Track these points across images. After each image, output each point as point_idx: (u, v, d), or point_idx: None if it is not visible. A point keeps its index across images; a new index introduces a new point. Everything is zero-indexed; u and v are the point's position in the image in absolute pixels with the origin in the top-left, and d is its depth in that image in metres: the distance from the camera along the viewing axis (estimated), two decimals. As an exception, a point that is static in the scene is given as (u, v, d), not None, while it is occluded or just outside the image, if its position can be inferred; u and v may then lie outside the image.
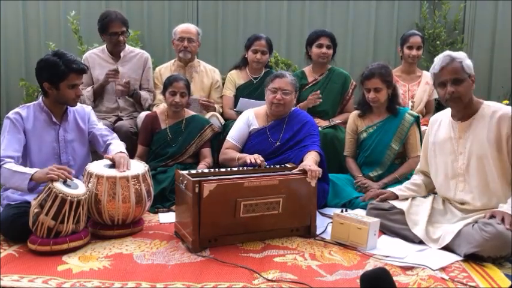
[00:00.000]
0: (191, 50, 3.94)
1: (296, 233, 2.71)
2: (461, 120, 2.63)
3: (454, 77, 2.52)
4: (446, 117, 2.73)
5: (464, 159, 2.60)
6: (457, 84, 2.52)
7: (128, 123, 3.71)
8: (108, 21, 3.73)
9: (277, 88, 3.13)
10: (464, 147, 2.61)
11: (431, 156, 2.79)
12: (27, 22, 5.02)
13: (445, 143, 2.69)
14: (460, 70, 2.52)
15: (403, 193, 2.84)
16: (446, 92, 2.53)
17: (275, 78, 3.18)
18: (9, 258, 2.34)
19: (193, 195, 2.42)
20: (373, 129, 3.39)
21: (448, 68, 2.53)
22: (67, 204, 2.38)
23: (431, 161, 2.80)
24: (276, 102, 3.14)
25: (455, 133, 2.64)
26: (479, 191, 2.57)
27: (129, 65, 3.91)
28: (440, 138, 2.72)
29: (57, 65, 2.65)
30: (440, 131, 2.74)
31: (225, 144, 3.27)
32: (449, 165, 2.67)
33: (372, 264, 2.33)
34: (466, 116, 2.61)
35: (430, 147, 2.80)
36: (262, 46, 3.92)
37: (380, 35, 5.03)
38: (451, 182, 2.67)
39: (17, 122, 2.70)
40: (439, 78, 2.57)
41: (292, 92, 3.18)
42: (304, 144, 3.05)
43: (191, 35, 3.94)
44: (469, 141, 2.59)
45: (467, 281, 2.15)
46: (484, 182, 2.56)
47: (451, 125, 2.67)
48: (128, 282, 2.11)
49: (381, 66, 3.31)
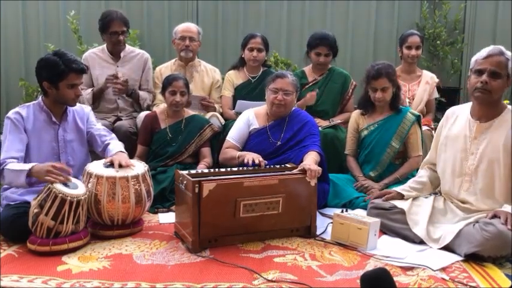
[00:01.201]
0: (192, 49, 3.93)
1: (296, 233, 2.70)
2: (480, 121, 2.59)
3: (494, 69, 2.47)
4: (465, 113, 2.68)
5: (475, 160, 2.58)
6: (494, 78, 2.47)
7: (127, 123, 3.71)
8: (109, 20, 3.73)
9: (279, 89, 3.13)
10: (477, 148, 2.58)
11: (441, 149, 2.76)
12: (27, 22, 5.02)
13: (457, 139, 2.65)
14: (503, 65, 2.48)
15: (408, 193, 2.81)
16: (480, 80, 2.48)
17: (276, 78, 3.17)
18: (8, 258, 2.34)
19: (193, 195, 2.42)
20: (374, 127, 3.38)
21: (494, 58, 2.49)
22: (67, 205, 2.38)
23: (440, 154, 2.77)
24: (277, 102, 3.13)
25: (472, 132, 2.60)
26: (483, 194, 2.55)
27: (129, 65, 3.91)
28: (454, 133, 2.68)
29: (57, 65, 2.65)
30: (455, 126, 2.70)
31: (225, 144, 3.27)
32: (458, 162, 2.64)
33: (372, 265, 2.33)
34: (487, 117, 2.57)
35: (442, 141, 2.76)
36: (258, 44, 3.91)
37: (380, 35, 5.02)
38: (456, 180, 2.65)
39: (17, 121, 2.70)
40: (480, 65, 2.51)
41: (293, 93, 3.17)
42: (304, 144, 3.05)
43: (192, 34, 3.93)
44: (484, 143, 2.55)
45: (468, 281, 2.15)
46: (490, 186, 2.54)
47: (469, 123, 2.63)
48: (127, 282, 2.11)
49: (387, 66, 3.30)
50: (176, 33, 3.95)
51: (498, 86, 2.48)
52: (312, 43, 3.83)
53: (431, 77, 4.12)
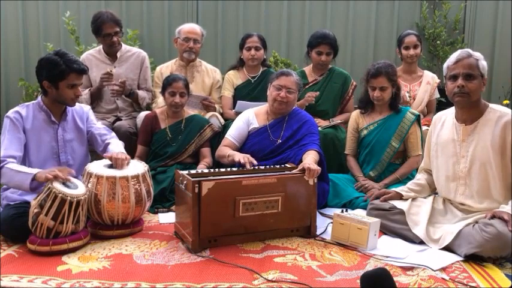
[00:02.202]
0: (196, 51, 3.93)
1: (296, 233, 2.70)
2: (465, 124, 2.61)
3: (467, 72, 2.51)
4: (450, 117, 2.71)
5: (466, 162, 2.59)
6: (469, 80, 2.51)
7: (127, 123, 3.71)
8: (100, 22, 3.70)
9: (282, 86, 3.13)
10: (466, 151, 2.59)
11: (433, 156, 2.78)
12: (27, 22, 5.02)
13: (447, 145, 2.68)
14: (474, 66, 2.52)
15: (407, 193, 2.82)
16: (456, 85, 2.52)
17: (281, 76, 3.18)
18: (8, 258, 2.34)
19: (193, 195, 2.42)
20: (373, 127, 3.39)
21: (464, 61, 2.53)
22: (66, 205, 2.38)
23: (433, 161, 2.80)
24: (279, 99, 3.13)
25: (459, 136, 2.62)
26: (480, 195, 2.56)
27: (126, 64, 3.90)
28: (443, 139, 2.71)
29: (58, 64, 2.65)
30: (443, 132, 2.72)
31: (223, 141, 3.27)
32: (451, 167, 2.66)
33: (372, 265, 2.33)
34: (471, 119, 2.60)
35: (433, 147, 2.79)
36: (255, 42, 3.91)
37: (380, 35, 5.02)
38: (451, 184, 2.67)
39: (17, 121, 2.70)
40: (452, 71, 2.56)
41: (296, 92, 3.18)
42: (304, 143, 3.05)
43: (197, 36, 3.93)
44: (473, 145, 2.57)
45: (468, 281, 2.15)
46: (486, 188, 2.55)
47: (455, 127, 2.66)
48: (127, 282, 2.11)
49: (387, 65, 3.30)
50: (180, 33, 3.94)
51: (475, 87, 2.52)
52: (313, 42, 3.83)
53: (433, 77, 4.11)
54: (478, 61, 2.53)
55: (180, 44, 3.93)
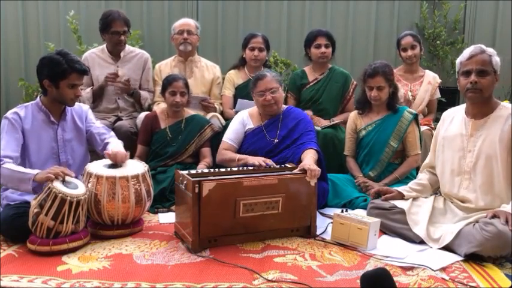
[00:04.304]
0: (191, 41, 3.95)
1: (296, 233, 2.70)
2: (475, 118, 2.62)
3: (480, 68, 2.52)
4: (460, 113, 2.71)
5: (473, 157, 2.59)
6: (482, 76, 2.52)
7: (128, 123, 3.71)
8: (111, 20, 3.73)
9: (263, 90, 3.12)
10: (474, 146, 2.60)
11: (439, 150, 2.78)
12: (27, 22, 5.01)
13: (455, 139, 2.68)
14: (487, 62, 2.53)
15: (409, 193, 2.82)
16: (469, 81, 2.52)
17: (257, 81, 3.16)
18: (8, 258, 2.34)
19: (193, 195, 2.42)
20: (371, 127, 3.39)
21: (477, 57, 2.53)
22: (66, 204, 2.38)
23: (438, 156, 2.79)
24: (267, 103, 3.13)
25: (467, 130, 2.63)
26: (483, 190, 2.56)
27: (128, 65, 3.91)
28: (451, 133, 2.71)
29: (60, 63, 2.65)
30: (451, 127, 2.72)
31: (221, 145, 3.26)
32: (457, 161, 2.65)
33: (372, 265, 2.33)
34: (481, 114, 2.60)
35: (439, 142, 2.78)
36: (259, 43, 3.92)
37: (380, 35, 5.02)
38: (456, 179, 2.66)
39: (15, 122, 2.69)
40: (465, 67, 2.56)
41: (279, 88, 3.16)
42: (301, 142, 3.05)
43: (190, 28, 3.96)
44: (480, 140, 2.58)
45: (468, 281, 2.15)
46: (489, 182, 2.55)
47: (464, 122, 2.66)
48: (127, 282, 2.11)
49: (384, 65, 3.31)
50: (174, 29, 3.99)
51: (488, 83, 2.53)
52: (310, 37, 3.89)
53: (434, 77, 4.11)
54: (491, 57, 2.54)
55: (175, 38, 3.97)
